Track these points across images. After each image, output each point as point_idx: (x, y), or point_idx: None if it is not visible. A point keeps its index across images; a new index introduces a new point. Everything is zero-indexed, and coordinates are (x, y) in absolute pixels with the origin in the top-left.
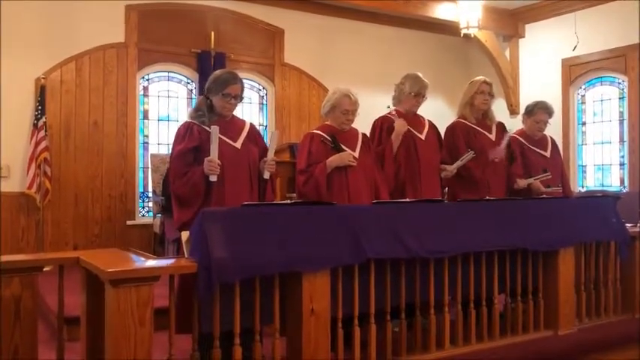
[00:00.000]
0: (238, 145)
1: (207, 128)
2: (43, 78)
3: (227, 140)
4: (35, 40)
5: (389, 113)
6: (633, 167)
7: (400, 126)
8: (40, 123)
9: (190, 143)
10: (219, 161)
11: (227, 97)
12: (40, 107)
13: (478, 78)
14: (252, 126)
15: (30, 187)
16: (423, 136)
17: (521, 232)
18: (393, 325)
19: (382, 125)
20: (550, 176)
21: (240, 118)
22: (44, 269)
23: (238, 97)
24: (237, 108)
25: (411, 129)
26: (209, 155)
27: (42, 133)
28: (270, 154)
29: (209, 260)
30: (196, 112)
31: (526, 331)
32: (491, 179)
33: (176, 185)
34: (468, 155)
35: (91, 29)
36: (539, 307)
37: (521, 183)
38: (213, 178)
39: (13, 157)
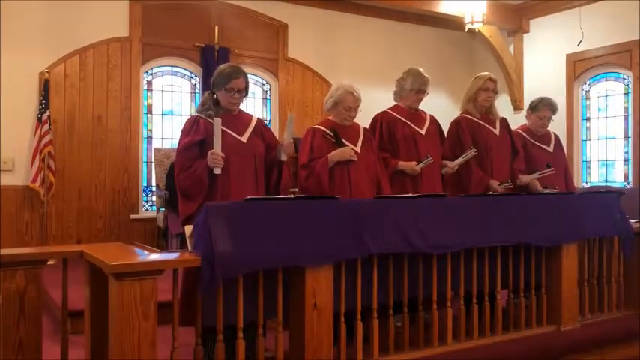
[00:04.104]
0: (244, 139)
1: (213, 122)
2: (47, 72)
3: (233, 134)
4: (39, 33)
5: (388, 108)
6: (637, 163)
7: (410, 170)
8: (44, 117)
9: (196, 137)
10: (222, 154)
11: (230, 91)
12: (44, 101)
13: (483, 74)
14: (259, 120)
15: (34, 181)
16: (423, 131)
17: (525, 227)
18: (396, 319)
19: (382, 120)
20: (553, 171)
21: (248, 112)
22: (48, 262)
23: (242, 91)
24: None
25: (412, 125)
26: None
27: (46, 127)
28: (288, 137)
29: (212, 254)
30: (202, 107)
31: (529, 327)
32: (495, 177)
33: (180, 178)
34: (470, 153)
35: (94, 23)
36: (542, 302)
37: (524, 179)
38: (218, 171)
39: (17, 151)
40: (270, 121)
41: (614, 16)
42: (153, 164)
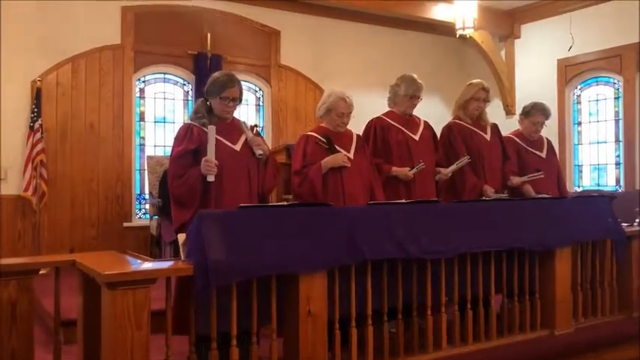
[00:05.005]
0: (238, 147)
1: (206, 130)
2: (39, 80)
3: (226, 142)
4: (31, 42)
5: (382, 114)
6: (629, 167)
7: (403, 176)
8: (36, 125)
9: (190, 145)
10: (216, 161)
11: (225, 100)
12: (36, 110)
13: (476, 82)
14: (251, 128)
15: (26, 190)
16: (417, 137)
17: (518, 232)
18: (390, 325)
19: (376, 126)
20: (542, 175)
21: (240, 120)
22: (40, 272)
23: (237, 100)
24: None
25: (405, 130)
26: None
27: (38, 136)
28: (249, 135)
29: (206, 262)
30: (196, 115)
31: (523, 331)
32: (487, 182)
33: (174, 186)
34: (464, 160)
35: (86, 31)
36: (536, 307)
37: (515, 180)
38: (211, 178)
39: (9, 160)
40: (263, 127)
41: (604, 21)
42: (146, 172)
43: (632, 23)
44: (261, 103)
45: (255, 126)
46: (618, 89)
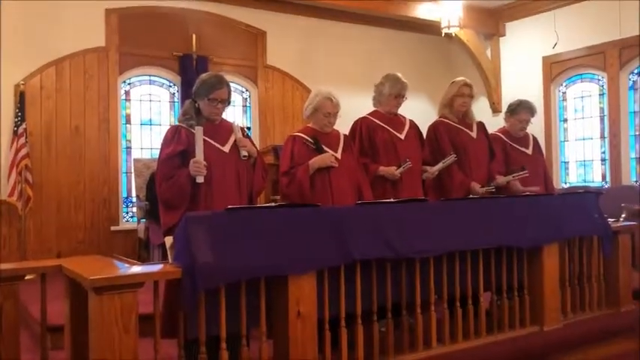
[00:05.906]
0: (226, 149)
1: (194, 131)
2: (23, 84)
3: (215, 144)
4: (14, 45)
5: (367, 114)
6: (614, 163)
7: (390, 175)
8: (21, 130)
9: (178, 146)
10: (205, 162)
11: (214, 101)
12: (19, 113)
13: (459, 79)
14: (241, 129)
15: (11, 195)
16: (402, 136)
17: (506, 229)
18: (380, 325)
19: (362, 125)
20: (527, 174)
21: (229, 121)
22: (26, 277)
23: (225, 102)
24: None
25: (391, 130)
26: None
27: (22, 140)
28: (238, 136)
29: (193, 265)
30: (184, 116)
31: (512, 328)
32: (474, 180)
33: (162, 188)
34: (450, 158)
35: (70, 34)
36: (525, 303)
37: (500, 180)
38: (200, 180)
39: None
40: (250, 128)
41: (588, 18)
42: (132, 175)
43: (614, 20)
44: (247, 104)
45: (244, 128)
46: (603, 86)
